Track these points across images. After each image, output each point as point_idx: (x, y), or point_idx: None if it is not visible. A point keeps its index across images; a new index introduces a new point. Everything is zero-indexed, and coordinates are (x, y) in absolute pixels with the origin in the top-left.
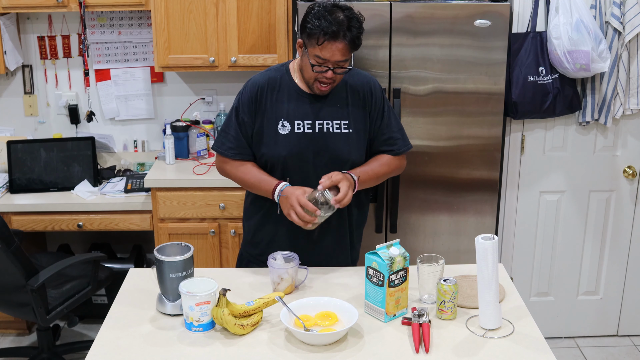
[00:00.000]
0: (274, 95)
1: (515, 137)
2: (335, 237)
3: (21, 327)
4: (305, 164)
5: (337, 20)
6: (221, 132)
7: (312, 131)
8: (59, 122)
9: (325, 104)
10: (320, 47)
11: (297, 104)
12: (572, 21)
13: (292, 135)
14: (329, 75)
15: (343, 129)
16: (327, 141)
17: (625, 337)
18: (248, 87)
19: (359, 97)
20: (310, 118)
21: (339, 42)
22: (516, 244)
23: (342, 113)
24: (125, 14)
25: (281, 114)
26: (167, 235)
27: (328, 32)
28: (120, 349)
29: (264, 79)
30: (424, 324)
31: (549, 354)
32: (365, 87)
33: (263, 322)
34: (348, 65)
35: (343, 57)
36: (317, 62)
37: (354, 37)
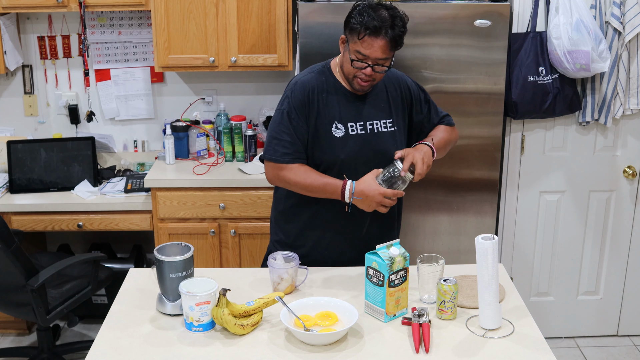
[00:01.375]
0: (324, 96)
1: (515, 137)
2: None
3: (21, 327)
4: (361, 165)
5: (380, 17)
6: (272, 139)
7: (364, 132)
8: (59, 122)
9: (370, 103)
10: (361, 42)
11: (347, 105)
12: (572, 21)
13: (347, 138)
14: (368, 72)
15: (389, 127)
16: (378, 141)
17: (625, 337)
18: (297, 89)
19: (397, 94)
20: (361, 119)
21: (380, 38)
22: (516, 244)
23: (386, 112)
24: (125, 14)
25: (334, 116)
26: (167, 235)
27: (370, 28)
28: (120, 349)
29: (313, 80)
30: (424, 324)
31: (549, 354)
32: (402, 83)
33: (263, 322)
34: (388, 64)
35: (383, 54)
36: (357, 57)
37: (396, 35)
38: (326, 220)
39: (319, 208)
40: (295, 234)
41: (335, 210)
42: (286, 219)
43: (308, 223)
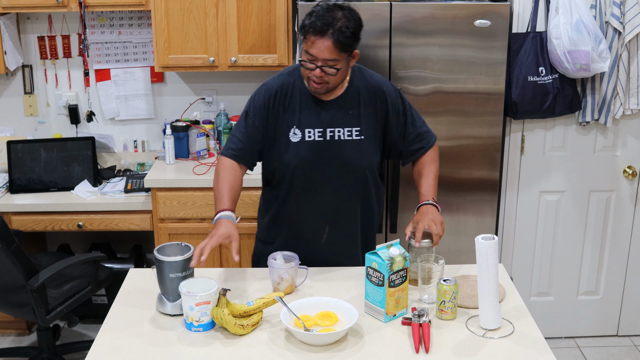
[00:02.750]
0: (287, 101)
1: (515, 137)
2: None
3: (21, 327)
4: (314, 172)
5: (330, 17)
6: (229, 136)
7: (322, 139)
8: (59, 122)
9: (337, 110)
10: (308, 43)
11: (309, 111)
12: (572, 21)
13: (302, 144)
14: (317, 74)
15: (355, 135)
16: (337, 149)
17: (625, 337)
18: (262, 92)
19: (371, 102)
20: (321, 125)
21: (326, 38)
22: (516, 244)
23: (354, 119)
24: (125, 14)
25: (293, 121)
26: (167, 235)
27: (315, 27)
28: (120, 349)
29: (277, 84)
30: (424, 324)
31: (549, 354)
32: (378, 92)
33: (263, 322)
34: (339, 66)
35: (330, 55)
36: (306, 58)
37: (342, 36)
38: (290, 220)
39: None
40: (265, 228)
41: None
42: (261, 214)
43: (274, 221)
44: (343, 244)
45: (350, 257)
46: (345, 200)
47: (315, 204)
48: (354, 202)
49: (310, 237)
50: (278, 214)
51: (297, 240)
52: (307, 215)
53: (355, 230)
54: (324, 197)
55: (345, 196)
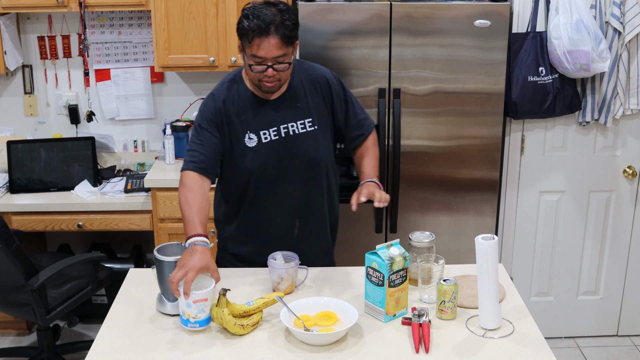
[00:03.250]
0: (235, 107)
1: (515, 137)
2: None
3: (21, 327)
4: (277, 172)
5: (266, 16)
6: (186, 152)
7: (278, 137)
8: (59, 122)
9: (286, 106)
10: (254, 46)
11: (259, 113)
12: (572, 21)
13: (260, 147)
14: (270, 74)
15: (308, 127)
16: (295, 144)
17: (625, 337)
18: (210, 103)
19: (317, 92)
20: (274, 124)
21: (271, 37)
22: (516, 244)
23: (304, 111)
24: (125, 14)
25: (246, 127)
26: (167, 235)
27: (257, 29)
28: (120, 349)
29: (223, 92)
30: (424, 324)
31: (549, 354)
32: (322, 80)
33: (263, 322)
34: (288, 60)
35: (279, 51)
36: (254, 61)
37: (286, 29)
38: (259, 223)
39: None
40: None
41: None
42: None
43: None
44: (314, 235)
45: (323, 247)
46: (311, 192)
47: (282, 202)
48: (320, 192)
49: (282, 234)
50: (245, 221)
51: (269, 240)
52: (275, 214)
53: (324, 220)
54: (290, 193)
55: (310, 188)
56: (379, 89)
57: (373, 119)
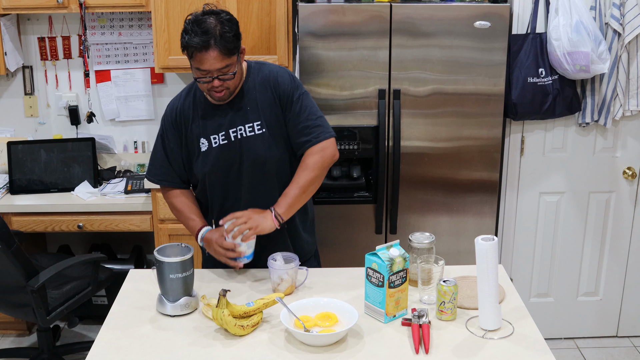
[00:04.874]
0: (190, 115)
1: (515, 138)
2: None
3: (21, 327)
4: (228, 175)
5: (205, 29)
6: (150, 158)
7: (227, 141)
8: (59, 123)
9: (236, 109)
10: (195, 60)
11: (210, 118)
12: (571, 22)
13: (210, 151)
14: (216, 84)
15: (257, 130)
16: (243, 147)
17: (625, 338)
18: (167, 113)
19: (267, 93)
20: (222, 129)
21: (211, 50)
22: (516, 245)
23: (253, 115)
24: (126, 15)
25: (199, 132)
26: (167, 236)
27: (196, 45)
28: (120, 349)
29: (179, 101)
30: (423, 324)
31: (548, 355)
32: (272, 80)
33: (263, 323)
34: (232, 70)
35: (221, 64)
36: (199, 74)
37: (226, 41)
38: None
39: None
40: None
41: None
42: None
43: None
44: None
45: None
46: (262, 195)
47: (235, 205)
48: (271, 194)
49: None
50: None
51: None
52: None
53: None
54: (242, 196)
55: (261, 191)
56: (379, 90)
57: (373, 121)
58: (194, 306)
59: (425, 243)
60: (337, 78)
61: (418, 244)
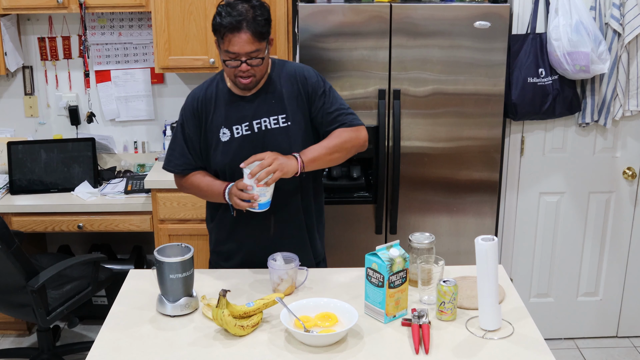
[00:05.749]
0: (212, 105)
1: (515, 138)
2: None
3: (21, 328)
4: None
5: (238, 12)
6: (168, 149)
7: (250, 132)
8: (59, 123)
9: (260, 102)
10: (226, 42)
11: (233, 109)
12: (571, 22)
13: (232, 141)
14: (244, 69)
15: (281, 123)
16: (266, 139)
17: (625, 338)
18: (188, 102)
19: (293, 87)
20: (246, 120)
21: (243, 33)
22: (516, 245)
23: (278, 107)
24: (126, 15)
25: (220, 122)
26: (167, 236)
27: (229, 25)
28: (120, 349)
29: (201, 91)
30: (423, 325)
31: (548, 355)
32: (298, 75)
33: (263, 323)
34: (261, 55)
35: (251, 47)
36: (228, 57)
37: (258, 25)
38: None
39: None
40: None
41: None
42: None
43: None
44: (291, 231)
45: (301, 244)
46: (284, 188)
47: None
48: (293, 188)
49: (259, 232)
50: (224, 218)
51: (248, 239)
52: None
53: (299, 216)
54: None
55: (283, 183)
56: (379, 90)
57: (373, 121)
58: (194, 306)
59: (425, 243)
60: (337, 78)
61: (418, 244)
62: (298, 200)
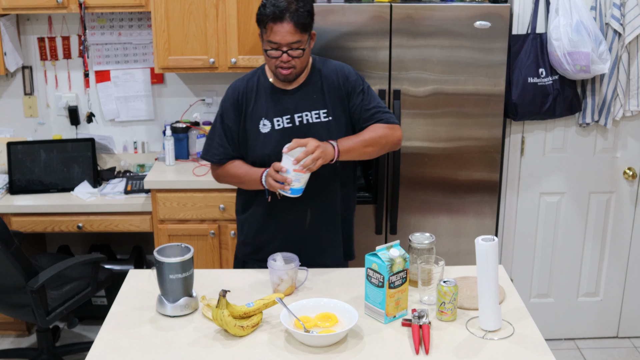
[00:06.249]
0: (253, 97)
1: (515, 138)
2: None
3: (21, 328)
4: None
5: (282, 4)
6: (207, 140)
7: (292, 125)
8: (59, 123)
9: (302, 96)
10: (269, 32)
11: (275, 102)
12: (572, 22)
13: (273, 133)
14: (285, 59)
15: (322, 117)
16: (307, 133)
17: (625, 338)
18: (229, 92)
19: (334, 84)
20: (288, 113)
21: (285, 23)
22: (516, 245)
23: (319, 102)
24: (126, 15)
25: (261, 114)
26: (167, 236)
27: (272, 15)
28: (120, 350)
29: (242, 82)
30: (424, 325)
31: (549, 356)
32: (339, 72)
33: (263, 324)
34: (303, 47)
35: (293, 37)
36: (270, 47)
37: (300, 16)
38: (273, 213)
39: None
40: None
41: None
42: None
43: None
44: (325, 225)
45: (333, 239)
46: (322, 182)
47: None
48: (331, 181)
49: (294, 224)
50: (260, 209)
51: (282, 230)
52: (288, 203)
53: (335, 210)
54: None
55: (322, 177)
56: (379, 90)
57: None
58: (194, 307)
59: (425, 243)
60: None
61: (418, 244)
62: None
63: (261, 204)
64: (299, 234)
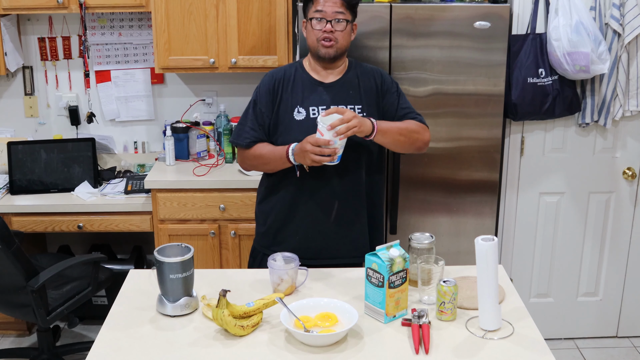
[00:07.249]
0: (289, 86)
1: (515, 138)
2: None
3: (21, 328)
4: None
5: None
6: (238, 124)
7: None
8: (59, 123)
9: (339, 90)
10: (317, 2)
11: (312, 91)
12: (571, 23)
13: (307, 121)
14: (328, 29)
15: (357, 112)
16: None
17: (625, 338)
18: (266, 79)
19: (370, 83)
20: (325, 104)
21: None
22: (516, 245)
23: (355, 98)
24: (126, 16)
25: (297, 102)
26: (167, 236)
27: None
28: (120, 350)
29: (280, 71)
30: (423, 325)
31: (548, 355)
32: (376, 73)
33: (263, 323)
34: (348, 19)
35: (339, 8)
36: (315, 16)
37: None
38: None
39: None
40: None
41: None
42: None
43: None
44: (350, 220)
45: (357, 233)
46: (351, 176)
47: (323, 182)
48: (360, 177)
49: (320, 216)
50: (285, 197)
51: (307, 221)
52: (315, 194)
53: (362, 205)
54: (331, 174)
55: (351, 171)
56: None
57: None
58: (194, 306)
59: (425, 243)
60: None
61: (418, 244)
62: (363, 193)
63: (287, 194)
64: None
